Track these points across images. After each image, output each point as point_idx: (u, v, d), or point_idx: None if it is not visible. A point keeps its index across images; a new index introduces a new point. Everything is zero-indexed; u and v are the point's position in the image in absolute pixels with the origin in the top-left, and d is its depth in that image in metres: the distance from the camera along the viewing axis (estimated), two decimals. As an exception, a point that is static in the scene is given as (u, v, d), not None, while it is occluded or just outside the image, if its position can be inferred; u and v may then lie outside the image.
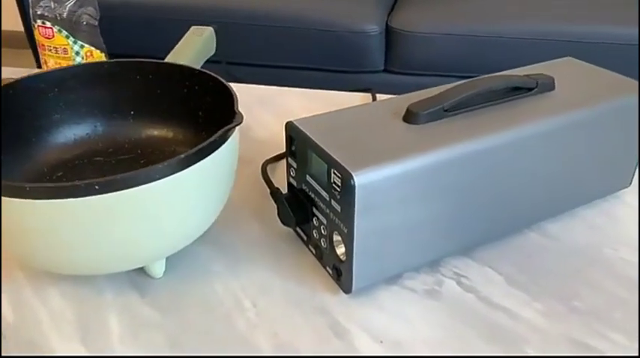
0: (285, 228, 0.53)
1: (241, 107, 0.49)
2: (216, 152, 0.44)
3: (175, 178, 0.41)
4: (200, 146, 0.42)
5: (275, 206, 0.53)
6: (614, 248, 0.52)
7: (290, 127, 0.48)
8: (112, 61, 0.58)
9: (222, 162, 0.45)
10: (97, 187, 0.38)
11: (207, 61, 0.75)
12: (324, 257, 0.48)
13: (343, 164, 0.41)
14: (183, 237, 0.46)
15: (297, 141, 0.48)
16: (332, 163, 0.43)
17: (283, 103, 0.80)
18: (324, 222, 0.46)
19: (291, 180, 0.51)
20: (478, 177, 0.47)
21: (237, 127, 0.48)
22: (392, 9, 1.48)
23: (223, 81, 0.52)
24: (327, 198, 0.45)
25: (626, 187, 0.59)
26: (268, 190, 0.58)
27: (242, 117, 0.46)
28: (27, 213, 0.39)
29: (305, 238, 0.51)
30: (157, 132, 0.59)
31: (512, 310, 0.45)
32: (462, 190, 0.46)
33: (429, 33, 1.35)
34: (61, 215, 0.39)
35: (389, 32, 1.39)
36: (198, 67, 0.67)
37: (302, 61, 1.45)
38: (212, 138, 0.43)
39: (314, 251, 0.50)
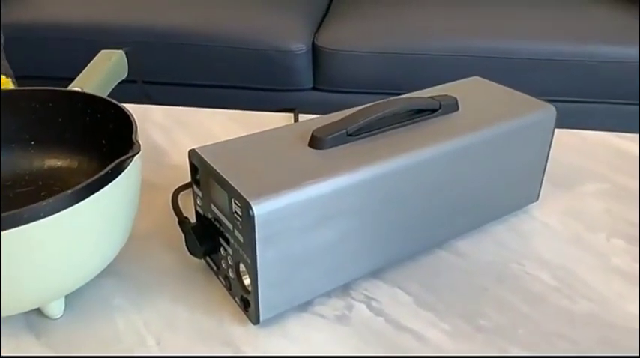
0: (196, 258, 0.51)
1: (159, 130, 0.48)
2: (111, 184, 0.42)
3: (64, 215, 0.39)
4: (90, 180, 0.40)
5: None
6: (520, 263, 0.53)
7: (192, 155, 0.47)
8: (8, 89, 0.55)
9: (119, 194, 0.44)
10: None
11: (125, 81, 0.73)
12: (233, 287, 0.47)
13: (242, 193, 0.41)
14: (81, 275, 0.44)
15: (200, 169, 0.47)
16: (232, 193, 0.42)
17: (203, 125, 0.78)
18: (230, 252, 0.45)
19: (198, 208, 0.49)
20: (382, 200, 0.47)
21: (138, 156, 0.46)
22: (318, 27, 1.50)
23: (124, 108, 0.50)
24: (231, 228, 0.44)
25: (534, 202, 0.61)
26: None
27: (139, 147, 0.45)
28: None
29: (215, 269, 0.50)
30: (60, 162, 0.57)
31: (418, 331, 0.45)
32: (367, 214, 0.46)
33: (354, 51, 1.37)
34: None
35: (316, 50, 1.40)
36: (107, 91, 0.65)
37: (229, 80, 1.44)
38: (103, 172, 0.41)
39: (223, 281, 0.48)
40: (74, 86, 0.60)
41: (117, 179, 0.43)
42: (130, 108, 0.51)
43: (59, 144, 0.56)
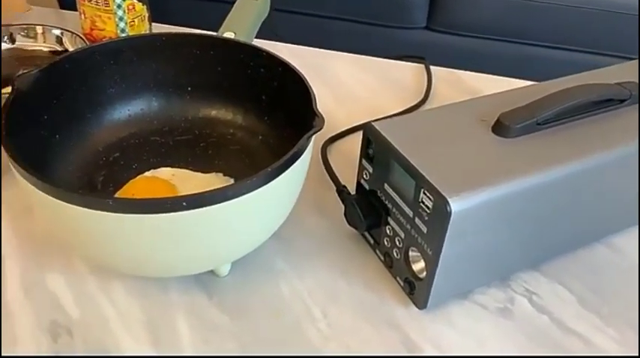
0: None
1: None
2: (299, 160, 0.41)
3: (260, 191, 0.38)
4: (285, 157, 0.39)
5: (339, 201, 0.51)
6: (684, 268, 0.51)
7: (370, 131, 0.45)
8: (171, 32, 0.53)
9: (302, 167, 0.43)
10: (184, 204, 0.36)
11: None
12: (395, 267, 0.47)
13: (438, 187, 0.39)
14: (258, 241, 0.44)
15: (376, 146, 0.45)
16: (423, 182, 0.40)
17: (332, 71, 0.75)
18: (401, 234, 0.44)
19: (363, 182, 0.48)
20: (562, 198, 0.45)
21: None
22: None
23: (298, 71, 0.48)
24: (410, 215, 0.43)
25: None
26: (328, 177, 0.55)
27: (323, 121, 0.43)
28: (104, 224, 0.36)
29: (372, 241, 0.49)
30: (214, 112, 0.56)
31: (585, 335, 0.45)
32: (549, 211, 0.44)
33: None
34: (140, 228, 0.37)
35: (434, -14, 1.31)
36: (254, 33, 0.63)
37: (341, 12, 1.37)
38: (296, 148, 0.40)
39: (382, 257, 0.48)
40: (225, 30, 0.58)
41: (303, 154, 0.41)
42: (257, 44, 0.50)
43: (215, 94, 0.55)
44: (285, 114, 0.52)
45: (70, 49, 0.70)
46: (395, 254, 0.46)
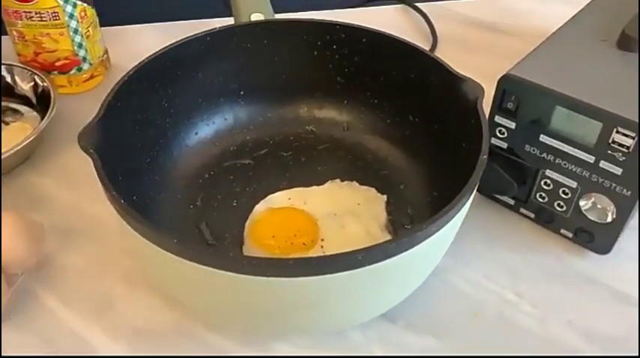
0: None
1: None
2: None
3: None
4: (478, 170, 0.32)
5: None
6: None
7: (508, 82, 0.40)
8: (215, 30, 0.42)
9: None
10: (359, 257, 0.28)
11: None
12: (558, 220, 0.43)
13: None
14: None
15: (522, 96, 0.40)
16: (615, 121, 0.36)
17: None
18: (571, 184, 0.40)
19: (497, 141, 0.43)
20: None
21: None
22: None
23: (400, 38, 0.41)
24: (591, 160, 0.38)
25: None
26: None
27: (481, 87, 0.36)
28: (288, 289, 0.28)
29: (512, 202, 0.45)
30: (280, 111, 0.47)
31: None
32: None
33: None
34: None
35: None
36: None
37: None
38: (483, 152, 0.33)
39: (532, 215, 0.44)
40: (251, 11, 0.48)
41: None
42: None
43: (273, 91, 0.46)
44: (371, 92, 0.45)
45: (22, 85, 0.54)
46: (557, 206, 0.42)
